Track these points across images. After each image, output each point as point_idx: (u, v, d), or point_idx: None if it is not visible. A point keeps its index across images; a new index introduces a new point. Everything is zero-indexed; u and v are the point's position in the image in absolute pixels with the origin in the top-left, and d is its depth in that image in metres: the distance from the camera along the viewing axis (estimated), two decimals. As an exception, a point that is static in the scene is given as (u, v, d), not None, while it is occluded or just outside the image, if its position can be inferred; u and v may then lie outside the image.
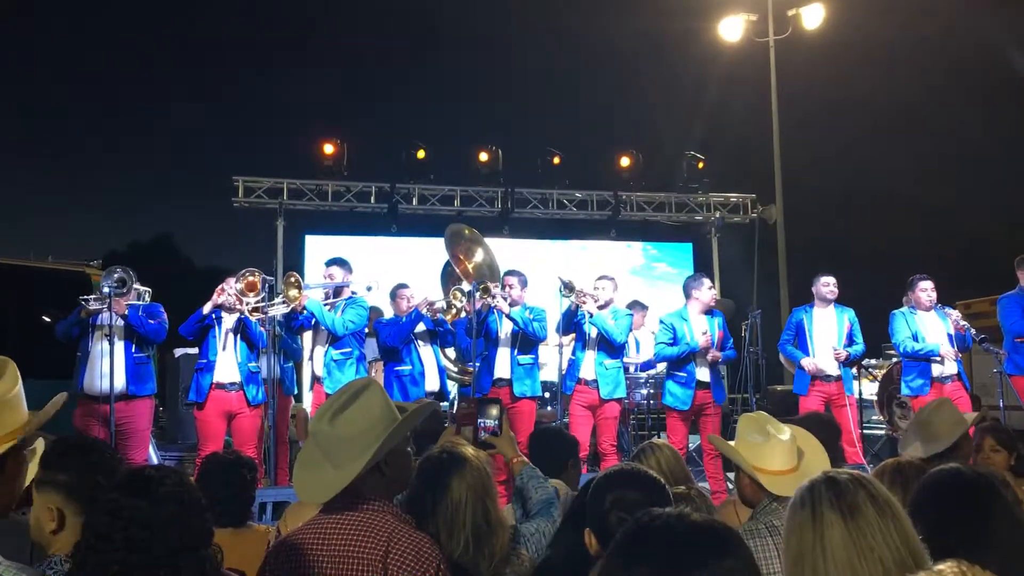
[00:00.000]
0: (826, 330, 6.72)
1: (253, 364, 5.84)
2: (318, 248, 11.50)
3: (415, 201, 12.29)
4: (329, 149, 11.83)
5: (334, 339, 6.25)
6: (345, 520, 1.99)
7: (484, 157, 12.24)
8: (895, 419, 7.89)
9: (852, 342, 6.71)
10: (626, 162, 12.70)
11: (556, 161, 12.55)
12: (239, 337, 5.82)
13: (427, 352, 6.63)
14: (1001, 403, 6.55)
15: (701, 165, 12.98)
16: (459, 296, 6.79)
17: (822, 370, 6.63)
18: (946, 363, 6.45)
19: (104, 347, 5.55)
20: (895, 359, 8.17)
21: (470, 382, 7.05)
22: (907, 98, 17.21)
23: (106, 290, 5.57)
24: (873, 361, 8.61)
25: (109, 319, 5.57)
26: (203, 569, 1.74)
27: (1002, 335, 6.61)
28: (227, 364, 5.77)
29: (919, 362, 6.54)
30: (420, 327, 6.53)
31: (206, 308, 5.79)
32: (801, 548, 1.64)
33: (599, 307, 6.38)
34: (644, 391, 8.22)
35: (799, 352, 6.75)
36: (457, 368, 8.68)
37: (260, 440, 5.90)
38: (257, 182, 11.83)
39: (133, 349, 5.72)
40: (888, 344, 8.44)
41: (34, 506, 2.19)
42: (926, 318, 6.59)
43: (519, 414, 6.15)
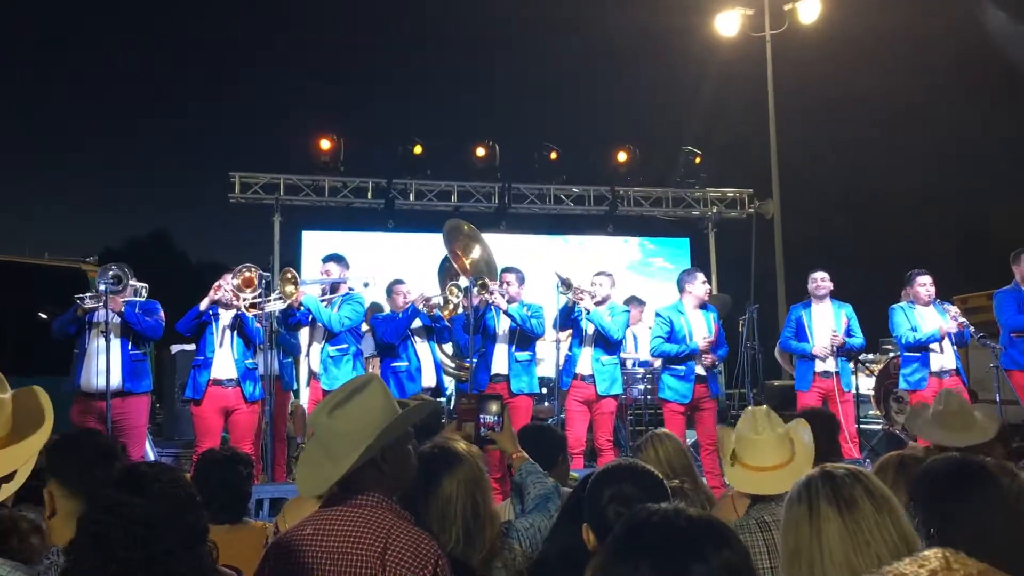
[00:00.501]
0: (825, 325, 6.70)
1: (250, 360, 5.83)
2: (315, 244, 11.49)
3: (412, 197, 12.29)
4: (326, 145, 11.82)
5: (331, 335, 6.25)
6: (343, 517, 1.98)
7: (481, 152, 12.23)
8: (892, 414, 7.91)
9: (851, 336, 6.70)
10: (623, 157, 12.69)
11: (553, 156, 12.53)
12: (236, 333, 5.80)
13: (423, 348, 6.62)
14: (997, 397, 6.55)
15: (698, 160, 12.99)
16: (455, 292, 6.79)
17: (833, 350, 6.52)
18: (946, 354, 6.42)
19: (100, 344, 5.54)
20: (892, 354, 8.18)
21: (467, 378, 7.05)
22: (904, 93, 17.23)
23: (102, 287, 5.55)
24: (870, 356, 8.61)
25: (105, 316, 5.55)
26: (200, 566, 1.73)
27: (998, 330, 6.61)
28: (224, 360, 5.75)
29: (919, 354, 6.51)
30: (416, 323, 6.53)
31: (203, 304, 5.77)
32: (798, 542, 1.64)
33: (596, 303, 6.38)
34: (641, 386, 8.21)
35: (806, 344, 6.70)
36: (455, 364, 8.67)
37: (258, 436, 5.89)
38: (254, 178, 11.82)
39: (129, 346, 5.71)
40: (885, 339, 8.45)
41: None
42: (925, 313, 6.58)
43: (516, 410, 6.13)
